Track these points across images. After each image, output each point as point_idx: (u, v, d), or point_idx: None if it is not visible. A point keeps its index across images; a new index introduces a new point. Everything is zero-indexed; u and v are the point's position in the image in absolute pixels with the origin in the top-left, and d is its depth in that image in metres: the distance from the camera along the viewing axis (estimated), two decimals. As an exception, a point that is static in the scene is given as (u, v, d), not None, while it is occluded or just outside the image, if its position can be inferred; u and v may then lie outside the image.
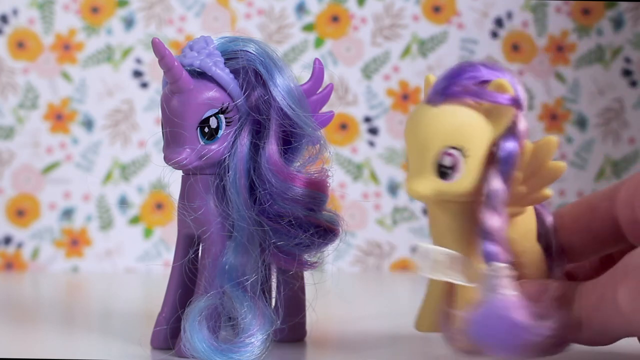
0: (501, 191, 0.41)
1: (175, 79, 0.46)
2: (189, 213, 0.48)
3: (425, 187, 0.42)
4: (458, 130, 0.41)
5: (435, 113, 0.42)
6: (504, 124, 0.42)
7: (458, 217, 0.43)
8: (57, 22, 0.89)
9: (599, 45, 0.92)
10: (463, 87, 0.42)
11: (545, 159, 0.42)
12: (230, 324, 0.47)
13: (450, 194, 0.42)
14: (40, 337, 0.54)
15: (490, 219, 0.41)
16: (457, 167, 0.42)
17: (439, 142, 0.41)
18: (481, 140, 0.42)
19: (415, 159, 0.42)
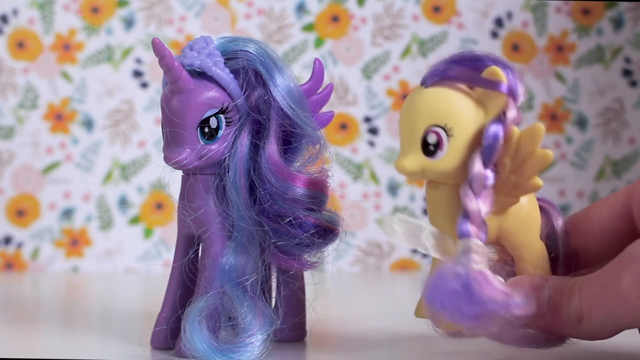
0: (482, 175, 0.42)
1: (175, 79, 0.46)
2: (189, 213, 0.48)
3: (410, 163, 0.43)
4: (443, 109, 0.43)
5: (425, 93, 0.44)
6: (494, 110, 0.43)
7: (448, 199, 0.44)
8: (57, 22, 0.89)
9: (599, 45, 0.92)
10: (458, 72, 0.44)
11: (533, 145, 0.43)
12: (230, 324, 0.47)
13: (434, 171, 0.43)
14: (40, 338, 0.54)
15: (469, 201, 0.42)
16: (442, 145, 0.43)
17: (425, 120, 0.43)
18: (468, 122, 0.43)
19: (404, 137, 0.44)
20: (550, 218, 0.47)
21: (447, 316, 0.40)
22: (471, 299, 0.40)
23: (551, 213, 0.47)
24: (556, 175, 0.91)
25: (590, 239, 0.46)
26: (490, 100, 0.43)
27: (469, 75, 0.43)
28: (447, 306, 0.40)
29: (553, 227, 0.47)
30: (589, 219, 0.47)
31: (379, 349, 0.49)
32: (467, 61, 0.44)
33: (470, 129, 0.43)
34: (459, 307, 0.40)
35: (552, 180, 0.91)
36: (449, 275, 0.40)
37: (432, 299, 0.41)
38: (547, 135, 0.92)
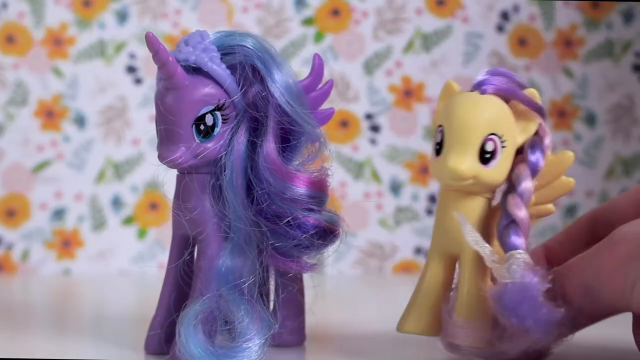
0: (531, 191, 0.45)
1: (169, 75, 0.46)
2: (184, 213, 0.48)
3: (467, 167, 0.44)
4: (501, 119, 0.45)
5: (484, 99, 0.45)
6: (531, 130, 0.46)
7: (483, 210, 0.46)
8: (47, 16, 0.89)
9: (609, 40, 0.92)
10: (511, 87, 0.46)
11: (560, 171, 0.46)
12: (226, 328, 0.47)
13: (484, 179, 0.45)
14: (30, 343, 0.54)
15: (520, 212, 0.44)
16: (496, 154, 0.45)
17: (486, 127, 0.45)
18: (515, 136, 0.46)
19: (458, 139, 0.45)
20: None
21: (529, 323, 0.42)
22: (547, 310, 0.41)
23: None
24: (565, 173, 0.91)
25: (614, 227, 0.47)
26: (528, 119, 0.46)
27: (516, 90, 0.46)
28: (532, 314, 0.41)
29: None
30: (614, 209, 0.49)
31: (381, 354, 0.49)
32: (506, 74, 0.47)
33: (514, 143, 0.46)
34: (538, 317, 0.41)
35: (560, 179, 0.91)
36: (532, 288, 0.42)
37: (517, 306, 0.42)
38: (556, 133, 0.92)
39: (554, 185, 0.46)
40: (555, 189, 0.47)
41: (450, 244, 0.46)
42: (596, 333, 0.47)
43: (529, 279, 0.42)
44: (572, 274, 0.43)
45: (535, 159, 0.45)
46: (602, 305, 0.42)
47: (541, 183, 0.46)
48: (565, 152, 0.46)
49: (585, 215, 0.51)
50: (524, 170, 0.45)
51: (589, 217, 0.51)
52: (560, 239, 0.51)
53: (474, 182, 0.45)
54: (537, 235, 0.91)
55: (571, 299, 0.42)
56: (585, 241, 0.50)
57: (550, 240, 0.52)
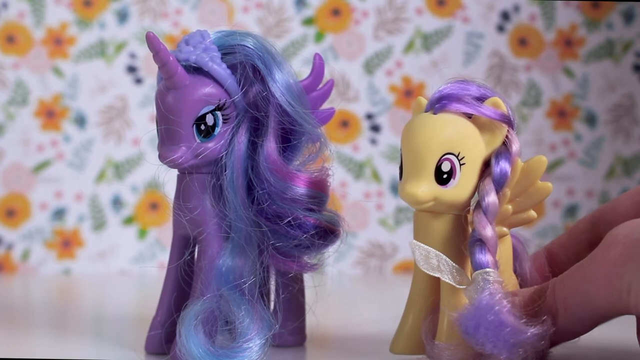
0: (496, 205, 0.44)
1: (170, 75, 0.46)
2: (184, 213, 0.48)
3: (423, 191, 0.44)
4: (457, 137, 0.44)
5: (437, 119, 0.45)
6: (498, 140, 0.45)
7: (451, 229, 0.45)
8: (48, 16, 0.89)
9: (609, 40, 0.92)
10: (461, 99, 0.45)
11: (534, 178, 0.45)
12: (227, 328, 0.47)
13: (445, 199, 0.44)
14: (31, 342, 0.54)
15: (485, 229, 0.43)
16: (455, 173, 0.44)
17: (439, 147, 0.44)
18: (476, 151, 0.44)
19: (413, 163, 0.44)
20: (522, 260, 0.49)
21: (488, 347, 0.41)
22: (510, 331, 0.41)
23: (522, 255, 0.49)
24: (565, 174, 0.91)
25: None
26: (493, 131, 0.45)
27: (473, 103, 0.45)
28: (490, 338, 0.41)
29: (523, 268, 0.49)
30: (614, 209, 0.49)
31: (382, 354, 0.49)
32: (463, 88, 0.45)
33: (477, 158, 0.45)
34: (500, 339, 0.41)
35: (561, 179, 0.91)
36: (486, 310, 0.42)
37: (474, 330, 0.42)
38: (556, 133, 0.92)
39: (530, 192, 0.45)
40: (532, 196, 0.45)
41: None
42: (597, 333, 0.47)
43: (485, 301, 0.42)
44: (571, 283, 0.42)
45: (499, 169, 0.44)
46: (602, 311, 0.42)
47: (516, 191, 0.45)
48: (538, 157, 0.45)
49: (587, 217, 0.51)
50: (488, 185, 0.44)
51: (590, 219, 0.51)
52: (562, 241, 0.51)
53: (435, 203, 0.44)
54: (538, 236, 0.91)
55: (572, 308, 0.42)
56: (587, 242, 0.50)
57: (552, 244, 0.52)
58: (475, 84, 0.46)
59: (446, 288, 0.45)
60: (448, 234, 0.45)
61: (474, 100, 0.45)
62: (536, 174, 0.45)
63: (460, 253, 0.45)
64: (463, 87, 0.45)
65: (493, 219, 0.44)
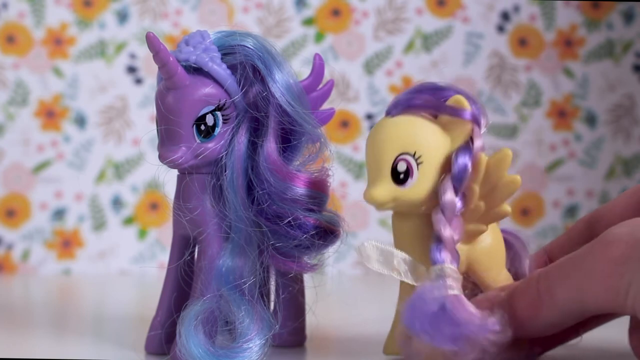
0: (454, 203, 0.44)
1: (170, 75, 0.46)
2: (184, 213, 0.48)
3: (381, 193, 0.44)
4: (412, 137, 0.44)
5: (392, 122, 0.45)
6: (461, 138, 0.45)
7: (417, 229, 0.45)
8: (48, 16, 0.89)
9: (609, 40, 0.92)
10: (423, 100, 0.45)
11: (501, 171, 0.44)
12: (227, 329, 0.47)
13: (405, 199, 0.44)
14: (31, 342, 0.54)
15: (443, 228, 0.43)
16: (411, 173, 0.44)
17: (394, 148, 0.44)
18: (435, 149, 0.44)
19: (373, 167, 0.45)
20: (520, 258, 0.49)
21: (427, 338, 0.41)
22: (450, 322, 0.41)
23: (520, 253, 0.49)
24: (565, 174, 0.91)
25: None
26: (455, 128, 0.45)
27: (434, 103, 0.45)
28: (427, 328, 0.41)
29: (522, 267, 0.48)
30: (612, 210, 0.49)
31: (382, 355, 0.49)
32: (431, 91, 0.46)
33: (438, 156, 0.45)
34: (438, 329, 0.41)
35: (561, 179, 0.91)
36: (428, 298, 0.41)
37: (411, 321, 0.41)
38: (556, 133, 0.92)
39: (500, 186, 0.44)
40: (502, 190, 0.44)
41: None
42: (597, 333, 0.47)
43: (427, 290, 0.41)
44: (560, 274, 0.42)
45: (457, 165, 0.44)
46: (592, 307, 0.41)
47: (486, 188, 0.44)
48: (501, 150, 0.44)
49: (584, 217, 0.51)
50: (445, 183, 0.44)
51: (587, 220, 0.50)
52: (560, 242, 0.51)
53: (396, 204, 0.44)
54: (538, 236, 0.91)
55: (559, 299, 0.41)
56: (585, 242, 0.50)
57: (551, 244, 0.52)
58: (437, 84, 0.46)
59: (403, 287, 0.45)
60: (418, 233, 0.45)
61: (433, 100, 0.45)
62: (502, 167, 0.44)
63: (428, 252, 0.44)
64: (422, 89, 0.46)
65: (451, 217, 0.44)
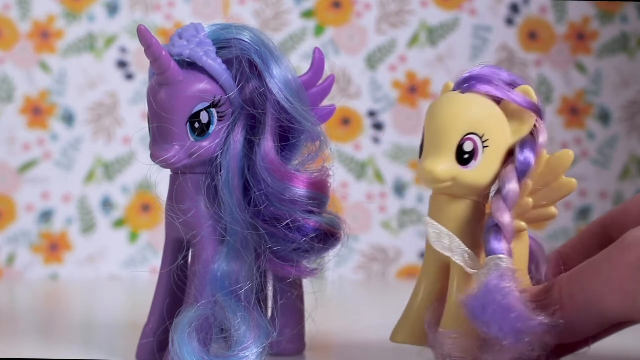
0: (517, 193, 0.44)
1: (162, 70, 0.46)
2: (178, 215, 0.48)
3: (443, 169, 0.44)
4: (483, 118, 0.44)
5: (463, 98, 0.45)
6: (525, 129, 0.45)
7: (469, 214, 0.45)
8: (34, 8, 0.89)
9: (624, 33, 0.92)
10: (492, 82, 0.45)
11: (559, 172, 0.45)
12: (222, 336, 0.47)
13: (464, 181, 0.44)
14: (17, 350, 0.54)
15: (504, 216, 0.44)
16: (477, 155, 0.44)
17: (463, 126, 0.44)
18: (502, 136, 0.45)
19: (434, 141, 0.45)
20: (538, 262, 0.49)
21: (493, 331, 0.42)
22: (516, 316, 0.41)
23: (538, 257, 0.50)
24: (577, 174, 0.91)
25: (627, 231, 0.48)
26: (521, 119, 0.45)
27: (504, 88, 0.45)
28: (497, 320, 0.42)
29: (540, 271, 0.49)
30: (626, 212, 0.49)
31: (385, 363, 0.49)
32: (495, 72, 0.46)
33: (503, 143, 0.45)
34: (506, 323, 0.41)
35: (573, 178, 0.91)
36: (495, 291, 0.42)
37: (479, 313, 0.42)
38: (567, 131, 0.92)
39: (554, 186, 0.45)
40: (555, 191, 0.45)
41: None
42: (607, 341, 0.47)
43: (494, 283, 0.42)
44: (580, 280, 0.43)
45: (523, 158, 0.45)
46: (611, 313, 0.42)
47: (539, 185, 0.45)
48: (565, 151, 0.45)
49: (598, 219, 0.52)
50: (510, 172, 0.44)
51: (602, 222, 0.51)
52: (574, 244, 0.52)
53: (453, 184, 0.44)
54: (549, 239, 0.91)
55: (579, 306, 0.42)
56: (598, 246, 0.50)
57: (564, 246, 0.52)
58: (508, 71, 0.46)
59: (456, 273, 0.45)
60: (464, 219, 0.45)
61: (505, 85, 0.45)
62: (561, 168, 0.45)
63: (475, 240, 0.45)
64: (494, 71, 0.46)
65: (512, 207, 0.44)
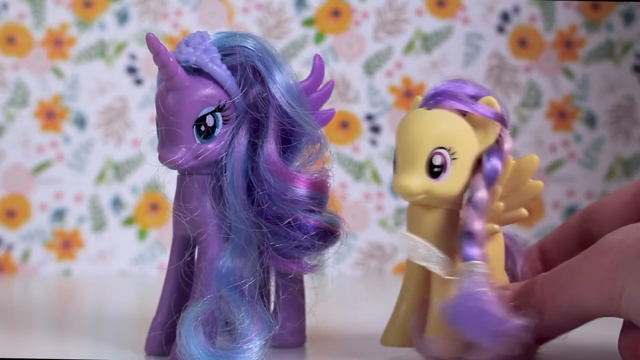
0: (486, 200, 0.44)
1: (170, 76, 0.46)
2: (184, 214, 0.48)
3: (415, 183, 0.44)
4: (450, 132, 0.45)
5: (431, 114, 0.46)
6: (490, 138, 0.46)
7: (442, 223, 0.46)
8: (48, 17, 0.89)
9: (609, 41, 0.92)
10: (456, 97, 0.46)
11: (526, 176, 0.45)
12: (227, 329, 0.47)
13: (436, 193, 0.45)
14: (31, 343, 0.54)
15: (475, 223, 0.44)
16: (446, 167, 0.45)
17: (432, 141, 0.45)
18: (469, 147, 0.45)
19: (406, 157, 0.45)
20: (514, 258, 0.50)
21: (472, 335, 0.42)
22: (492, 319, 0.42)
23: (514, 253, 0.50)
24: (565, 175, 0.91)
25: (604, 226, 0.48)
26: (486, 128, 0.46)
27: (467, 100, 0.46)
28: (473, 325, 0.42)
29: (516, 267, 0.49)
30: (604, 207, 0.49)
31: (381, 355, 0.49)
32: (458, 86, 0.46)
33: (469, 154, 0.45)
34: (483, 327, 0.42)
35: (561, 180, 0.91)
36: (470, 297, 0.42)
37: (457, 318, 0.42)
38: (555, 134, 0.92)
39: (522, 190, 0.45)
40: (523, 194, 0.46)
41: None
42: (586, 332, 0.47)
43: (468, 288, 0.42)
44: (561, 280, 0.43)
45: (490, 165, 0.45)
46: (592, 311, 0.42)
47: (508, 189, 0.45)
48: (530, 155, 0.45)
49: (577, 213, 0.52)
50: (478, 180, 0.45)
51: (580, 216, 0.51)
52: (554, 237, 0.52)
53: (427, 196, 0.45)
54: (538, 237, 0.91)
55: (561, 304, 0.42)
56: (577, 239, 0.50)
57: (544, 240, 0.52)
58: (471, 83, 0.47)
59: (436, 280, 0.45)
60: (440, 227, 0.46)
61: (468, 98, 0.46)
62: (528, 172, 0.45)
63: (451, 247, 0.45)
64: (458, 85, 0.46)
65: (482, 214, 0.44)
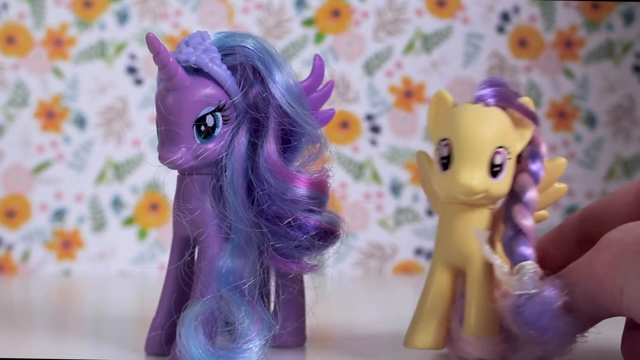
0: (537, 200, 0.45)
1: (170, 76, 0.46)
2: (184, 214, 0.48)
3: (478, 182, 0.44)
4: (507, 132, 0.45)
5: (492, 112, 0.45)
6: (527, 136, 0.46)
7: (488, 222, 0.46)
8: (48, 17, 0.89)
9: (609, 41, 0.92)
10: (506, 96, 0.46)
11: (553, 179, 0.46)
12: (227, 329, 0.47)
13: (494, 192, 0.45)
14: (31, 343, 0.54)
15: (528, 222, 0.44)
16: (504, 167, 0.45)
17: (494, 140, 0.44)
18: (516, 146, 0.46)
19: (467, 153, 0.44)
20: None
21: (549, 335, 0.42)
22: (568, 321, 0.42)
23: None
24: (565, 175, 0.91)
25: (604, 226, 0.48)
26: (524, 128, 0.46)
27: (517, 102, 0.46)
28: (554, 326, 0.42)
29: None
30: (604, 207, 0.50)
31: (382, 355, 0.49)
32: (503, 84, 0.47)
33: (515, 152, 0.46)
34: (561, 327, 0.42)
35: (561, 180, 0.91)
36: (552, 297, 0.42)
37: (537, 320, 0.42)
38: (556, 134, 0.92)
39: (549, 192, 0.46)
40: (549, 196, 0.47)
41: (455, 257, 0.46)
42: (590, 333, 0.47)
43: (548, 291, 0.42)
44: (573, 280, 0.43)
45: (536, 168, 0.45)
46: (599, 310, 0.42)
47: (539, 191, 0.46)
48: (559, 158, 0.46)
49: (576, 213, 0.52)
50: (528, 179, 0.45)
51: (580, 216, 0.51)
52: (552, 236, 0.52)
53: (484, 195, 0.45)
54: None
55: (578, 305, 0.42)
56: (575, 239, 0.50)
57: (543, 239, 0.52)
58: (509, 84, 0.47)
59: (478, 280, 0.45)
60: (483, 226, 0.45)
61: (514, 96, 0.46)
62: (557, 174, 0.46)
63: (492, 246, 0.45)
64: (504, 83, 0.47)
65: (533, 213, 0.45)
